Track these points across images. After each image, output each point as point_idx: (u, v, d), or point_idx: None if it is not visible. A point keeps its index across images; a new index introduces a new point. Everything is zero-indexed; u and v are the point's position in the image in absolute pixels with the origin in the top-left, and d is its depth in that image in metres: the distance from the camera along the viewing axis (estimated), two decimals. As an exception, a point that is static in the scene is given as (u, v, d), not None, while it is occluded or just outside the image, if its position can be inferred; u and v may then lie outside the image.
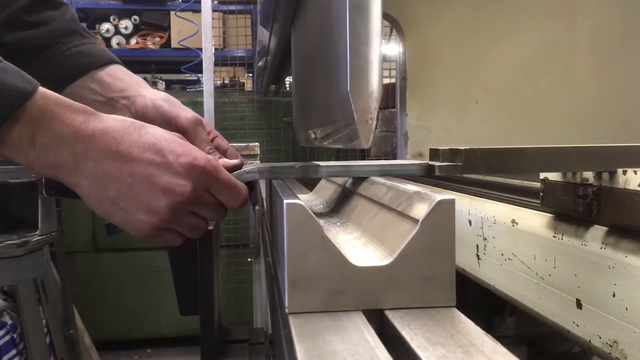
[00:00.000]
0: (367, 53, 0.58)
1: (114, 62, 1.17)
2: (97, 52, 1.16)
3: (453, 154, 0.79)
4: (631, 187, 0.75)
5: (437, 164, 0.79)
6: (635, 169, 0.75)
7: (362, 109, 0.58)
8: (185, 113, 1.08)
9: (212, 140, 1.12)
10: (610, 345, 0.77)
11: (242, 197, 0.80)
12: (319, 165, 0.88)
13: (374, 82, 0.58)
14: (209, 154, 0.90)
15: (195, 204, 0.76)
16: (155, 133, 0.76)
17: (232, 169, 0.83)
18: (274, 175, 0.88)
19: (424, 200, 0.61)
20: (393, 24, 2.49)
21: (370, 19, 0.57)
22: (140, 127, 0.76)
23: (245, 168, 0.84)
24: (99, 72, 1.13)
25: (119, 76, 1.14)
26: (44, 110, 0.70)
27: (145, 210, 0.75)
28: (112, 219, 0.78)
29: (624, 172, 0.76)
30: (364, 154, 3.29)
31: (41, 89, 0.72)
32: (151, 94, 1.11)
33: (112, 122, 0.75)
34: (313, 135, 0.99)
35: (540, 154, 0.80)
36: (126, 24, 5.07)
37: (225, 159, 0.92)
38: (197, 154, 0.76)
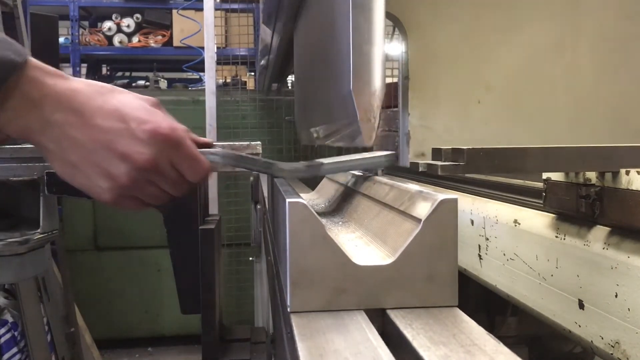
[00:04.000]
0: (369, 52, 0.58)
1: None
2: None
3: (456, 153, 0.79)
4: (634, 187, 0.74)
5: (439, 163, 0.79)
6: (638, 169, 0.75)
7: (365, 107, 0.58)
8: None
9: None
10: (612, 346, 0.76)
11: (203, 171, 0.78)
12: (282, 164, 0.86)
13: (377, 80, 0.58)
14: None
15: (154, 173, 0.75)
16: (122, 99, 0.75)
17: (201, 145, 0.81)
18: (237, 163, 0.84)
19: (426, 200, 0.61)
20: (395, 22, 2.48)
21: (373, 18, 0.57)
22: (107, 92, 0.75)
23: (214, 150, 0.82)
24: None
25: None
26: (21, 76, 0.70)
27: (104, 176, 0.74)
28: (73, 183, 0.77)
29: (627, 172, 0.76)
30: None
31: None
32: None
33: (79, 84, 0.74)
34: (315, 135, 0.99)
35: (542, 153, 0.80)
36: (128, 22, 5.06)
37: (195, 135, 0.89)
38: (161, 122, 0.74)
